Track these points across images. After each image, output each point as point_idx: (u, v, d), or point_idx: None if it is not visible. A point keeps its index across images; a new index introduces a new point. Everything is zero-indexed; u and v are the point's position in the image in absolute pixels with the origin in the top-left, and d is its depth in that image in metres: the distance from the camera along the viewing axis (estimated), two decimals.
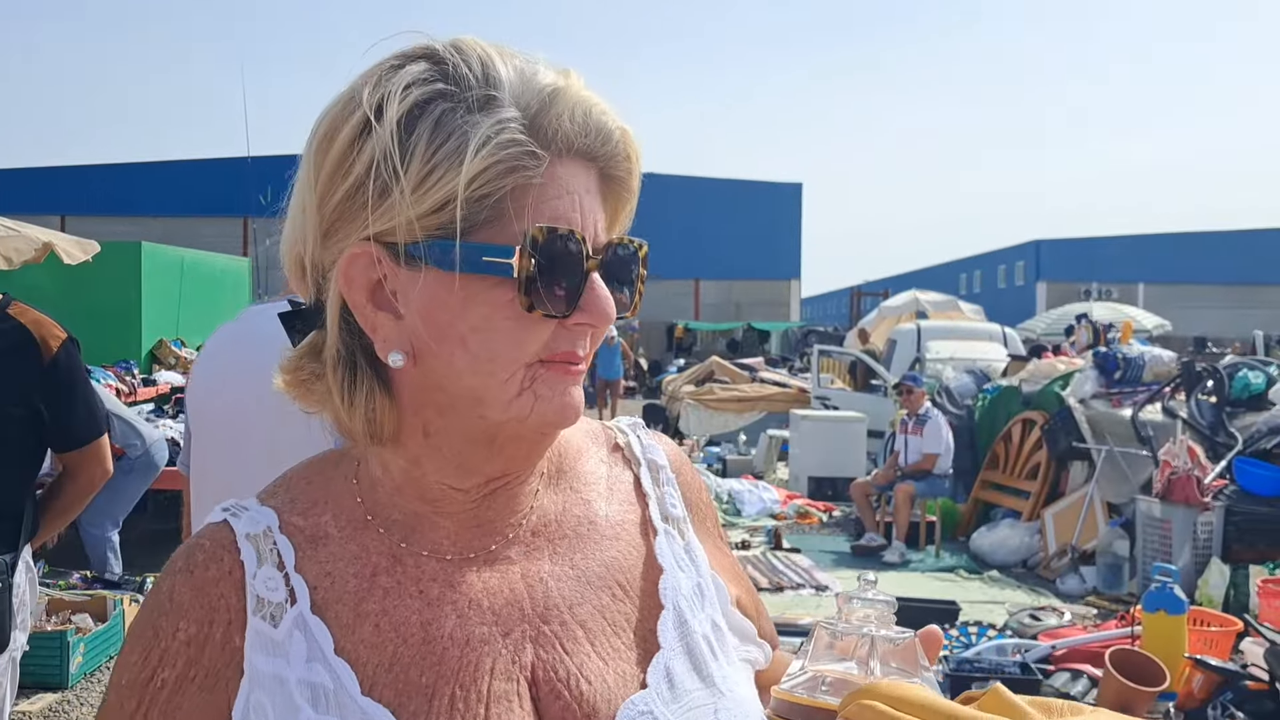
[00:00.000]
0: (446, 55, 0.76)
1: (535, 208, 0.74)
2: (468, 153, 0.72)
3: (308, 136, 0.80)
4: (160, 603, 0.81)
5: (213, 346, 2.27)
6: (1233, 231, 43.79)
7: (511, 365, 0.77)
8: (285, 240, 0.83)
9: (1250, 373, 7.68)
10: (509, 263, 0.74)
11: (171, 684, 0.79)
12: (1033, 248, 45.22)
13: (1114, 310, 18.43)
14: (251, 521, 0.83)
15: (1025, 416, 8.85)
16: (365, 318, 0.78)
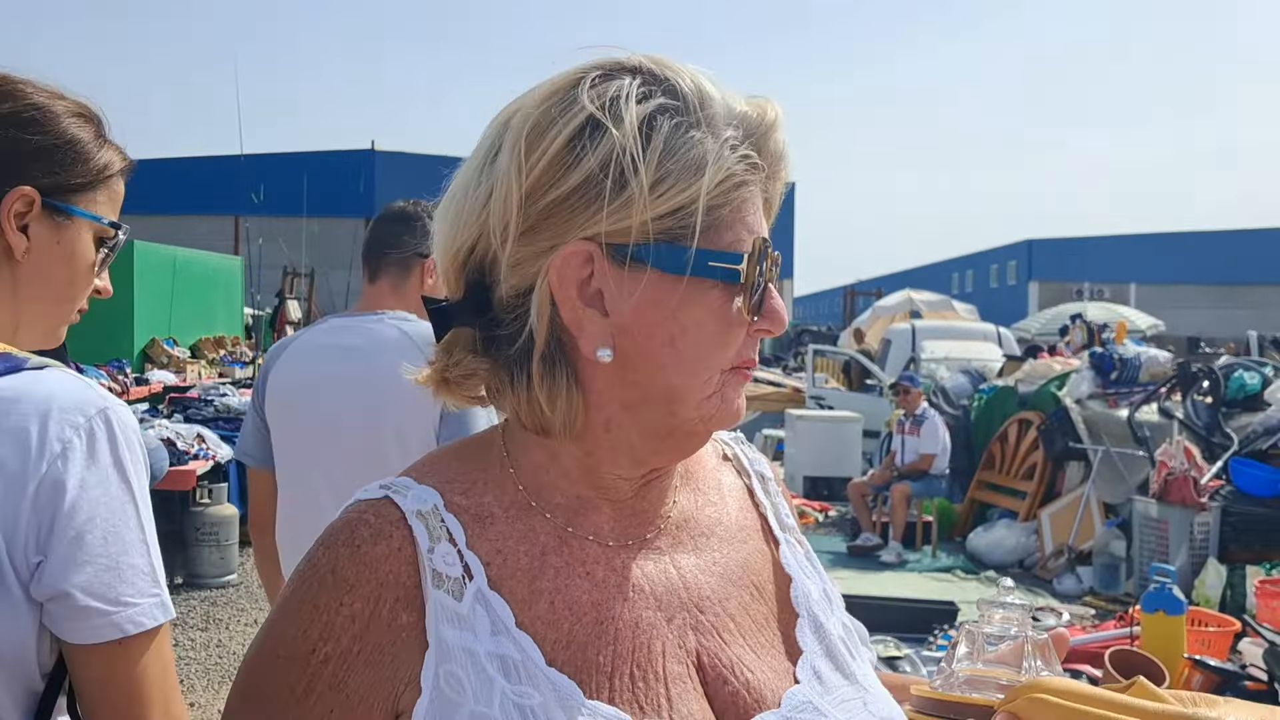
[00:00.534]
0: (661, 73, 0.81)
1: (741, 219, 0.80)
2: (708, 166, 0.77)
3: (495, 134, 0.82)
4: (321, 577, 0.80)
5: (299, 351, 2.44)
6: (1221, 231, 43.97)
7: (713, 368, 0.82)
8: (446, 233, 0.85)
9: (1246, 373, 7.70)
10: (736, 269, 0.79)
11: (335, 658, 0.78)
12: (1025, 247, 45.30)
13: (1108, 310, 18.47)
14: (418, 499, 0.84)
15: (1021, 417, 8.86)
16: (572, 314, 0.80)
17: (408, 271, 2.55)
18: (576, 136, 0.77)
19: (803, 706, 0.85)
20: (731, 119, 0.81)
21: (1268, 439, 7.15)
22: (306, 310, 20.63)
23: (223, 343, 15.80)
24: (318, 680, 0.78)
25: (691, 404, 0.82)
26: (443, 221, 0.85)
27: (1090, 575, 7.26)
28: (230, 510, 7.52)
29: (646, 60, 0.81)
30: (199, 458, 7.57)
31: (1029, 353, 11.69)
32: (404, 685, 0.78)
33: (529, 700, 0.77)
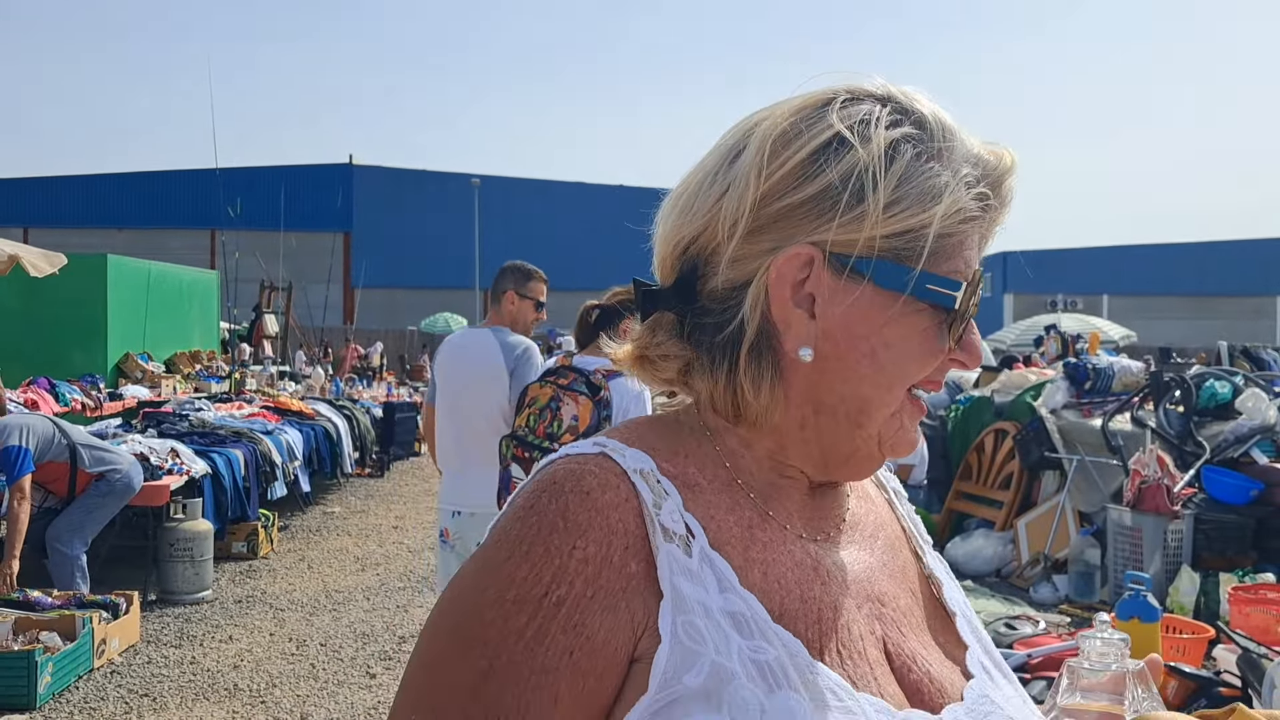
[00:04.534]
0: (909, 104, 0.86)
1: (959, 251, 0.85)
2: (944, 195, 0.82)
3: (739, 138, 0.87)
4: (552, 521, 0.81)
5: (448, 345, 4.78)
6: (1192, 243, 44.50)
7: (904, 384, 0.86)
8: (672, 224, 0.90)
9: (1217, 382, 7.77)
10: (954, 295, 0.84)
11: (570, 601, 0.79)
12: (1000, 259, 45.69)
13: (1081, 321, 18.65)
14: (635, 459, 0.86)
15: (997, 427, 8.91)
16: (783, 312, 0.85)
17: (499, 302, 4.70)
18: (821, 150, 0.83)
19: (981, 700, 0.89)
20: (969, 158, 0.86)
21: (1238, 447, 7.22)
22: (284, 324, 20.52)
23: (198, 357, 15.69)
24: (550, 623, 0.78)
25: (878, 419, 0.86)
26: (670, 212, 0.90)
27: (1066, 583, 7.30)
28: (205, 526, 7.45)
29: (895, 90, 0.87)
30: (173, 472, 7.51)
31: (1005, 363, 11.76)
32: (642, 631, 0.80)
33: (764, 655, 0.80)
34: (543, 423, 4.49)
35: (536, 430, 4.50)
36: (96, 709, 5.21)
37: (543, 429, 4.49)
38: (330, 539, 9.61)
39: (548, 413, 4.49)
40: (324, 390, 15.65)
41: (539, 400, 4.51)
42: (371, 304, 31.98)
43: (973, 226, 0.86)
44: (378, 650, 6.19)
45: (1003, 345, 17.89)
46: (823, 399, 0.87)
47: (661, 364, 0.92)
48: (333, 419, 11.56)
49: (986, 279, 29.57)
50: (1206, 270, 42.08)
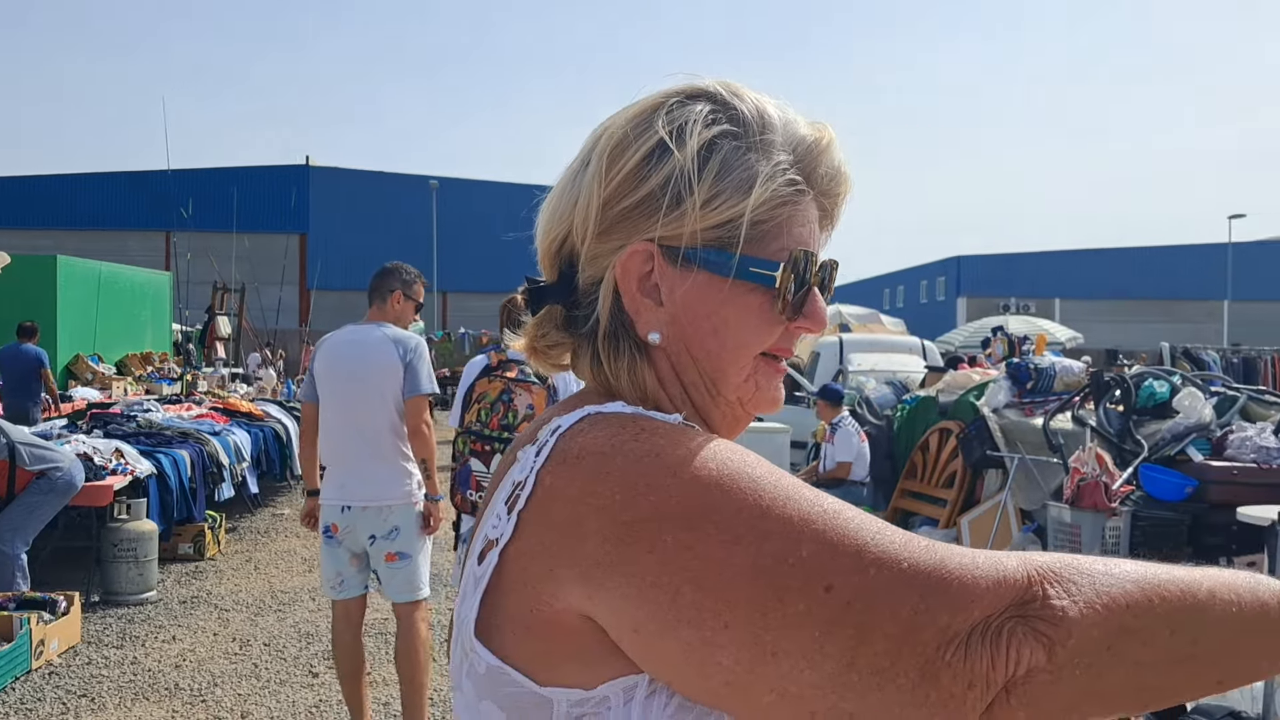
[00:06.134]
0: (729, 100, 0.94)
1: (788, 232, 0.93)
2: (755, 186, 0.90)
3: (590, 146, 0.96)
4: (672, 428, 0.86)
5: (332, 341, 4.67)
6: (1144, 248, 45.24)
7: (750, 353, 0.94)
8: (544, 226, 0.99)
9: (1155, 382, 7.93)
10: (773, 275, 0.92)
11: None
12: (954, 263, 46.19)
13: (1029, 323, 18.92)
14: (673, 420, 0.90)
15: (942, 426, 9.03)
16: (632, 302, 0.94)
17: (385, 300, 4.70)
18: (647, 157, 0.91)
19: None
20: (790, 143, 0.94)
21: (1175, 445, 7.37)
22: (237, 326, 20.33)
23: (150, 359, 15.52)
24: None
25: (731, 385, 0.95)
26: (544, 214, 0.99)
27: None
28: (149, 526, 7.39)
29: (721, 87, 0.95)
30: (117, 473, 7.44)
31: (950, 364, 11.91)
32: None
33: None
34: (495, 415, 4.57)
35: (490, 424, 4.58)
36: (33, 710, 5.16)
37: (496, 421, 4.57)
38: (278, 540, 9.56)
39: (500, 405, 4.58)
40: (275, 392, 15.55)
41: (488, 395, 4.60)
42: (327, 306, 31.78)
43: (794, 209, 0.93)
44: (321, 650, 6.17)
45: (951, 346, 18.13)
46: (686, 375, 0.95)
47: (552, 353, 1.01)
48: (283, 420, 11.49)
49: (940, 282, 29.81)
50: (1158, 275, 42.83)
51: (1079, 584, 0.79)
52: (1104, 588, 0.79)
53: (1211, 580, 0.83)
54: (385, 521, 4.52)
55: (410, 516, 4.56)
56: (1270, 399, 8.54)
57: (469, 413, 4.65)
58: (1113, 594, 0.79)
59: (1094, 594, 0.79)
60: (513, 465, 0.91)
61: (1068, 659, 0.77)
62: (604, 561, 0.79)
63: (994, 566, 0.79)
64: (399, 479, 4.55)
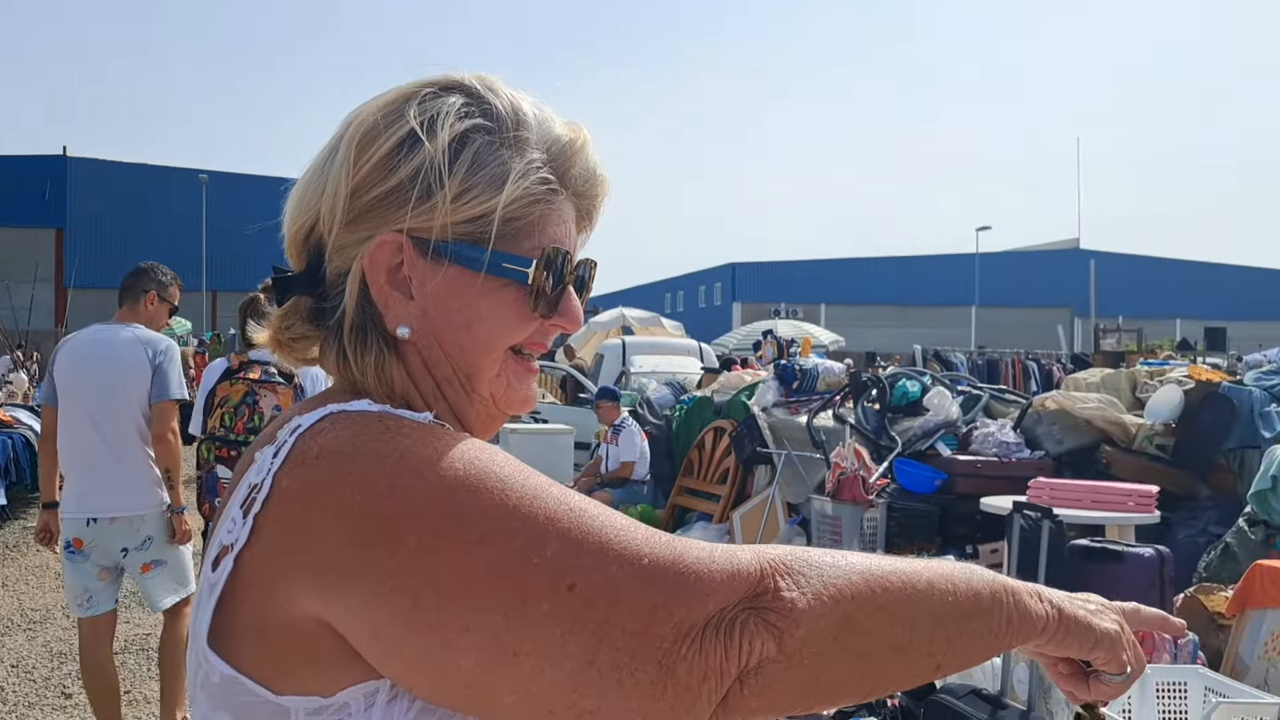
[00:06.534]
0: (484, 94, 0.93)
1: (543, 229, 0.93)
2: (508, 183, 0.89)
3: (340, 133, 0.93)
4: (423, 428, 0.84)
5: (76, 341, 4.38)
6: (901, 257, 48.30)
7: (501, 348, 0.94)
8: (291, 213, 0.95)
9: (908, 382, 8.49)
10: (526, 271, 0.92)
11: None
12: (729, 270, 47.89)
13: (796, 327, 19.84)
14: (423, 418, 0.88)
15: (716, 425, 9.34)
16: (381, 294, 0.91)
17: (138, 301, 4.46)
18: (398, 147, 0.89)
19: None
20: (544, 142, 0.93)
21: (926, 440, 7.92)
22: None
23: None
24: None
25: (484, 380, 0.94)
26: (291, 202, 0.96)
27: None
28: None
29: (476, 81, 0.94)
30: None
31: (725, 365, 12.36)
32: None
33: None
34: (240, 419, 4.44)
35: (235, 428, 4.44)
36: None
37: (242, 425, 4.43)
38: (30, 555, 8.89)
39: (244, 409, 4.44)
40: (26, 397, 14.45)
41: (231, 399, 4.46)
42: (85, 306, 29.67)
43: (548, 207, 0.93)
44: (75, 670, 5.81)
45: (726, 349, 18.78)
46: (438, 371, 0.94)
47: (297, 346, 0.98)
48: (34, 427, 10.70)
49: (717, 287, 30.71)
50: (913, 282, 45.75)
51: (808, 576, 0.81)
52: (831, 579, 0.82)
53: (931, 571, 0.88)
54: (138, 532, 4.31)
55: (163, 525, 4.37)
56: (1010, 397, 9.30)
57: (211, 418, 4.52)
58: (839, 585, 0.82)
59: (822, 585, 0.81)
60: (250, 467, 0.86)
61: (797, 648, 0.79)
62: (342, 566, 0.76)
63: (729, 560, 0.80)
64: (149, 487, 4.34)
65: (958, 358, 14.34)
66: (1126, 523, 6.25)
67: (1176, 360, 12.67)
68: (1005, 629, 0.91)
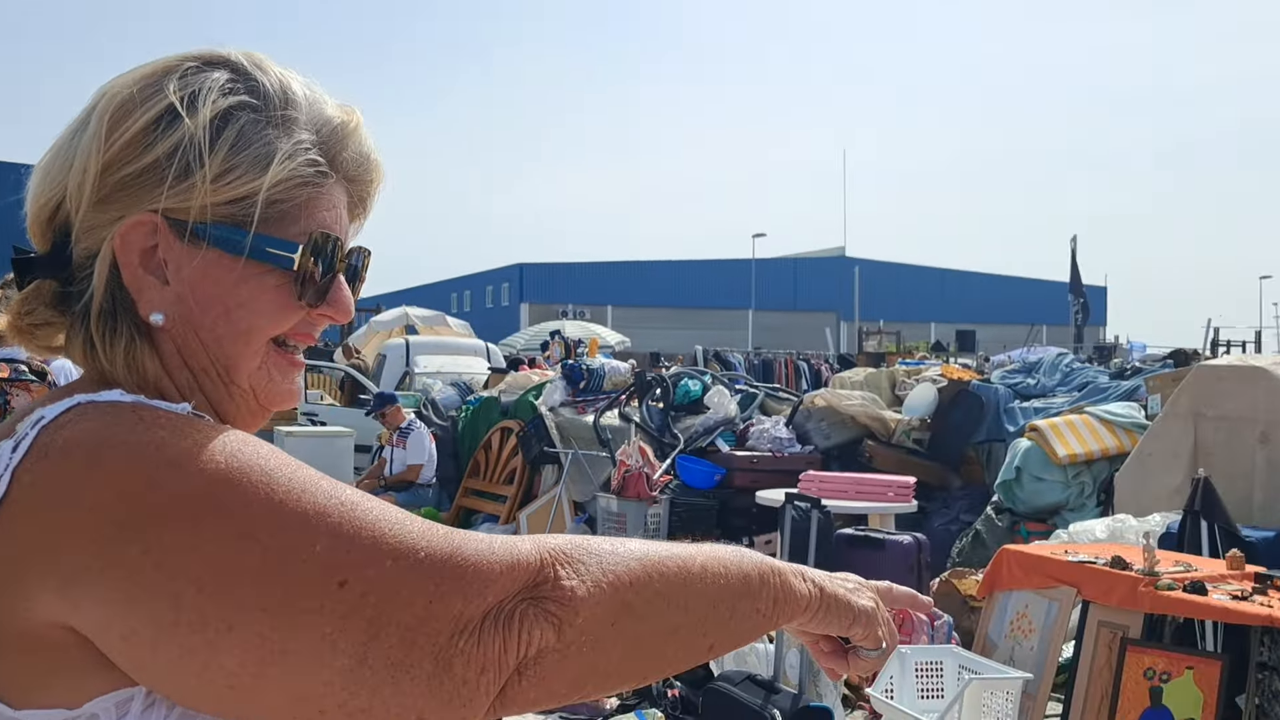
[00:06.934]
0: (251, 70, 0.88)
1: (311, 215, 0.88)
2: (273, 163, 0.85)
3: (91, 105, 0.87)
4: (238, 437, 0.79)
5: None
6: (683, 261, 49.66)
7: (262, 339, 0.88)
8: (35, 189, 0.89)
9: (690, 381, 8.76)
10: (291, 256, 0.87)
11: None
12: (517, 270, 47.89)
13: (583, 328, 20.06)
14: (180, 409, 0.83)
15: (504, 425, 9.35)
16: (133, 278, 0.85)
17: None
18: (155, 122, 0.83)
19: None
20: (314, 123, 0.89)
21: (706, 437, 8.20)
22: None
23: None
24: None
25: (244, 373, 0.89)
26: (36, 177, 0.89)
27: None
28: None
29: (244, 58, 0.89)
30: None
31: (512, 365, 12.38)
32: None
33: None
34: None
35: None
36: None
37: None
38: None
39: None
40: None
41: None
42: None
43: (316, 191, 0.88)
44: None
45: (513, 349, 18.79)
46: (195, 361, 0.88)
47: (40, 333, 0.91)
48: None
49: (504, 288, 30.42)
50: (694, 285, 47.15)
51: (587, 564, 0.81)
52: (610, 566, 0.82)
53: (705, 555, 0.89)
54: None
55: None
56: (783, 395, 9.75)
57: None
58: (618, 572, 0.82)
59: (601, 573, 0.81)
60: None
61: (575, 637, 0.79)
62: (94, 566, 0.71)
63: (508, 551, 0.79)
64: None
65: (736, 358, 14.91)
66: (887, 512, 6.68)
67: (931, 360, 13.58)
68: (772, 609, 0.94)
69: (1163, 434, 6.29)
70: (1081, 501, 6.91)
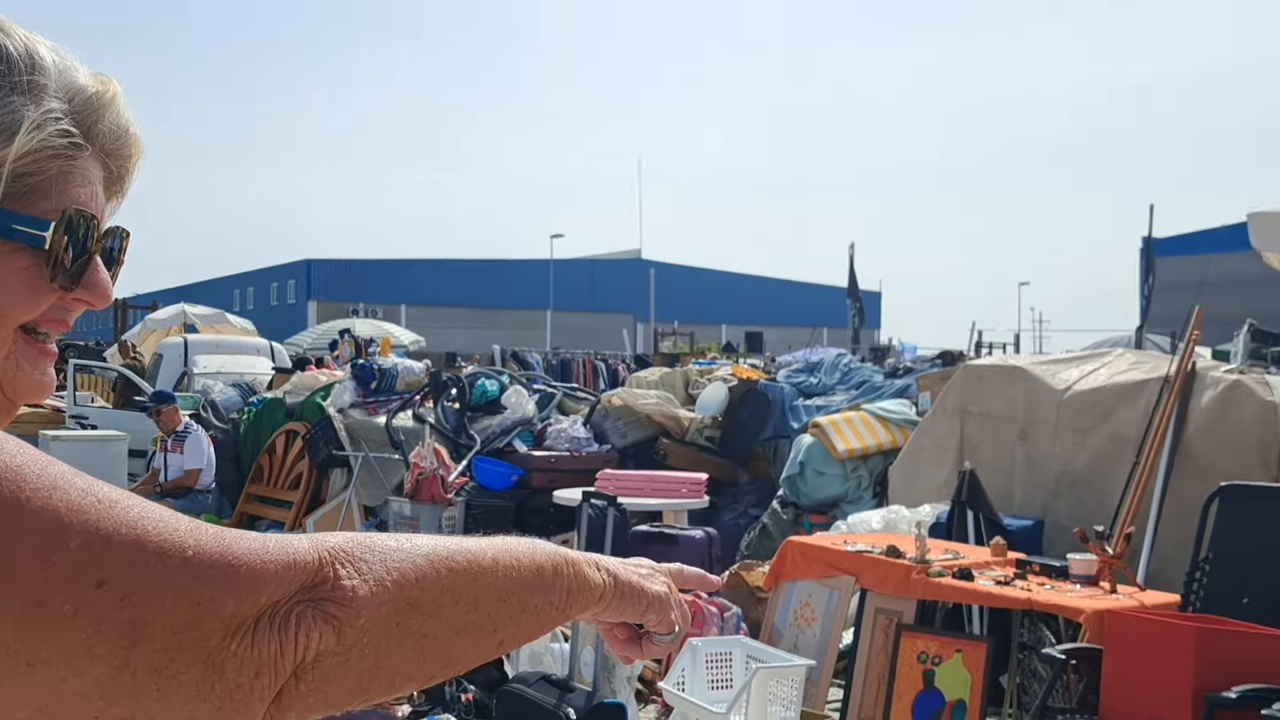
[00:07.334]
0: None
1: (63, 190, 0.80)
2: (20, 132, 0.77)
3: None
4: None
5: None
6: (480, 260, 49.37)
7: (9, 325, 0.80)
8: None
9: (487, 381, 8.73)
10: (42, 235, 0.79)
11: None
12: (304, 266, 46.38)
13: (375, 326, 19.64)
14: None
15: (289, 428, 9.05)
16: None
17: None
18: None
19: None
20: (66, 91, 0.80)
21: (504, 438, 8.19)
22: None
23: None
24: None
25: None
26: None
27: None
28: None
29: None
30: None
31: (298, 365, 11.98)
32: None
33: None
34: None
35: None
36: None
37: None
38: None
39: None
40: None
41: None
42: None
43: (70, 164, 0.82)
44: None
45: (300, 348, 18.20)
46: None
47: None
48: None
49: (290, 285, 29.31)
50: (493, 285, 46.92)
51: (369, 562, 0.78)
52: (394, 564, 0.79)
53: (496, 548, 0.87)
54: None
55: None
56: (581, 395, 9.84)
57: None
58: (403, 569, 0.79)
59: (384, 571, 0.78)
60: None
61: (357, 639, 0.76)
62: None
63: (284, 550, 0.75)
64: None
65: (534, 358, 14.93)
66: (680, 508, 6.85)
67: (722, 361, 13.98)
68: (566, 600, 0.94)
69: (932, 429, 6.71)
70: (859, 494, 7.28)
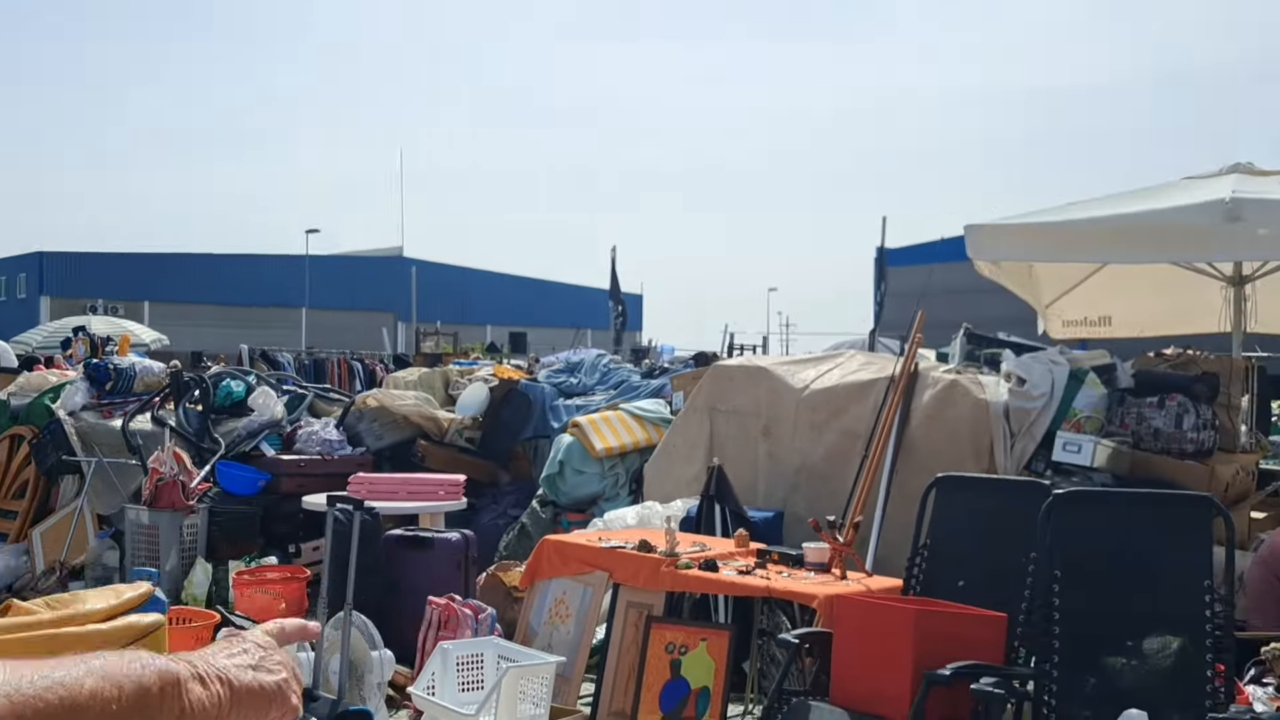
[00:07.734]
0: None
1: None
2: None
3: None
4: None
5: None
6: (229, 255, 47.19)
7: None
8: None
9: (233, 381, 8.35)
10: None
11: None
12: (36, 259, 43.03)
13: (113, 324, 18.43)
14: None
15: (14, 432, 8.36)
16: None
17: None
18: None
19: None
20: None
21: (250, 441, 7.87)
22: None
23: None
24: None
25: None
26: None
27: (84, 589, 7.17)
28: None
29: None
30: None
31: (25, 365, 11.10)
32: None
33: None
34: None
35: None
36: None
37: None
38: None
39: None
40: None
41: None
42: None
43: None
44: None
45: (28, 347, 16.84)
46: None
47: None
48: None
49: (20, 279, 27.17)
50: (245, 282, 44.82)
51: None
52: None
53: (96, 676, 0.83)
54: None
55: None
56: (335, 396, 9.56)
57: None
58: None
59: None
60: None
61: None
62: None
63: None
64: None
65: (285, 357, 14.37)
66: (437, 510, 6.79)
67: (485, 361, 13.94)
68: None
69: (684, 427, 6.95)
70: (616, 491, 7.44)
